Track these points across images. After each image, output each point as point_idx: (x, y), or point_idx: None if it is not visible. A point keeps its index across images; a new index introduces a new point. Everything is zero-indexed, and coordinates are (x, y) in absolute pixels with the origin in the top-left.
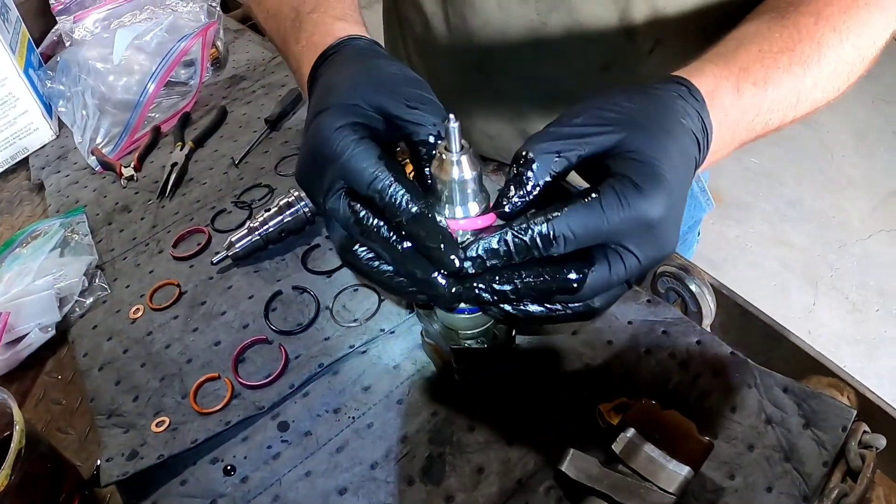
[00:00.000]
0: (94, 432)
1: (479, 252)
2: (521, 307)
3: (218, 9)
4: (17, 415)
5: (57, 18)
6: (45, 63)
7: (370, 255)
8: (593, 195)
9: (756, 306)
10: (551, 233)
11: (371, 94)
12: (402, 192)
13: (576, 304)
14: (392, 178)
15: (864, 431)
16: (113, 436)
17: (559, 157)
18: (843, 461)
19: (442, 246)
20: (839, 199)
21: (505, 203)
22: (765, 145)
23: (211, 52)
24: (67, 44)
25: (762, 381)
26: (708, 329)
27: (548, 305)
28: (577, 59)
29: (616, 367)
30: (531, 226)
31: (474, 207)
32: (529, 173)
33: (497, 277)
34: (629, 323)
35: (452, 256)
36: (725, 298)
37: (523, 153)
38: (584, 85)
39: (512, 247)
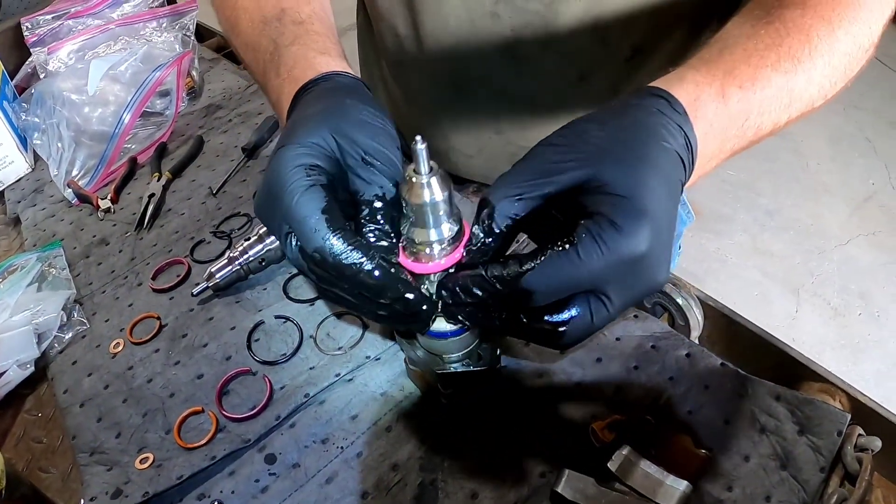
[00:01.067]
0: (76, 471)
1: (456, 290)
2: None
3: (192, 38)
4: None
5: (31, 50)
6: (20, 95)
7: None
8: (567, 243)
9: (743, 316)
10: (527, 287)
11: (335, 134)
12: (341, 254)
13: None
14: (329, 235)
15: (859, 435)
16: (96, 474)
17: (520, 200)
18: (840, 465)
19: (404, 295)
20: (816, 207)
21: (473, 250)
22: (740, 157)
23: (186, 81)
24: (42, 76)
25: (754, 390)
26: (696, 341)
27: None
28: (553, 72)
29: (606, 384)
30: (505, 277)
31: (447, 229)
32: (490, 220)
33: (478, 313)
34: (617, 339)
35: (412, 296)
36: (712, 310)
37: (484, 199)
38: (562, 97)
39: (486, 295)
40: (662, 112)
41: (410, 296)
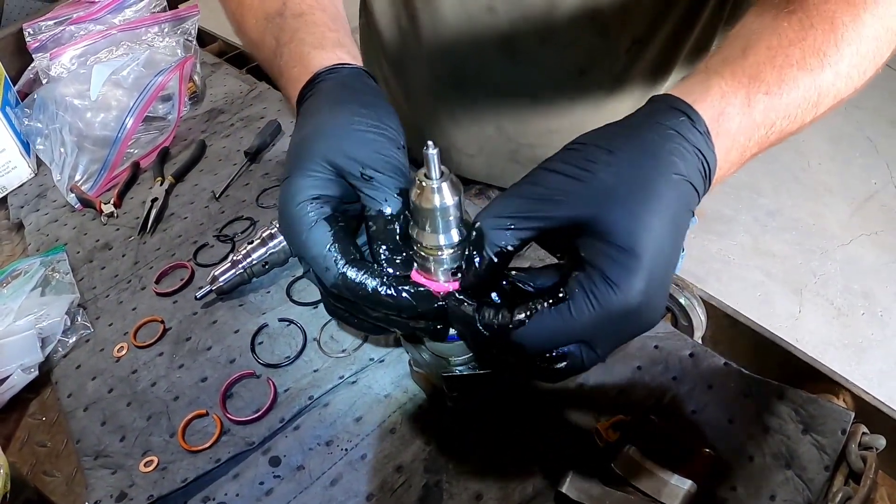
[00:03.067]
0: (80, 474)
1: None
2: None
3: (194, 43)
4: (1, 458)
5: (33, 56)
6: (22, 101)
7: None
8: (558, 299)
9: (746, 316)
10: (518, 342)
11: (331, 157)
12: (357, 285)
13: None
14: (340, 273)
15: (863, 433)
16: (100, 478)
17: (511, 230)
18: (845, 464)
19: (418, 309)
20: (818, 207)
21: (465, 276)
22: None
23: (188, 86)
24: (44, 81)
25: (757, 389)
26: (699, 341)
27: None
28: (552, 66)
29: (610, 384)
30: (496, 328)
31: (455, 235)
32: (479, 248)
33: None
34: None
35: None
36: (715, 310)
37: (474, 226)
38: (562, 92)
39: (477, 338)
40: (680, 133)
41: (423, 319)
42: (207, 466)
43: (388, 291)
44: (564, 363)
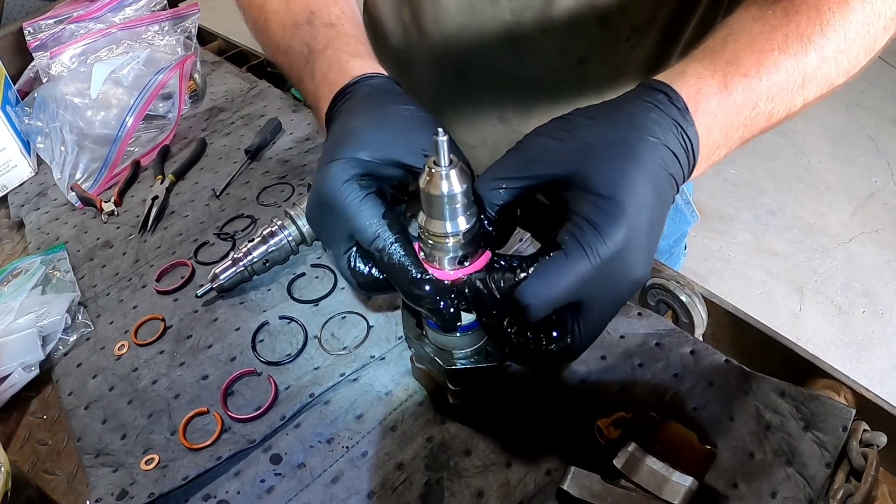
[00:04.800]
0: (81, 473)
1: (464, 295)
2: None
3: (194, 41)
4: (2, 456)
5: (33, 55)
6: (23, 100)
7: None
8: (555, 250)
9: (747, 313)
10: (524, 300)
11: (383, 145)
12: (401, 254)
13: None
14: (392, 239)
15: (865, 430)
16: (101, 476)
17: (504, 189)
18: (846, 461)
19: (440, 305)
20: (819, 205)
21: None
22: (742, 156)
23: (189, 84)
24: (44, 80)
25: (758, 387)
26: (700, 339)
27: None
28: (553, 55)
29: (611, 382)
30: (506, 290)
31: (463, 222)
32: (482, 211)
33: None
34: (621, 337)
35: (452, 311)
36: (716, 307)
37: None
38: (563, 81)
39: (491, 302)
40: (658, 106)
41: (443, 311)
42: (208, 464)
43: (415, 288)
44: (564, 341)
